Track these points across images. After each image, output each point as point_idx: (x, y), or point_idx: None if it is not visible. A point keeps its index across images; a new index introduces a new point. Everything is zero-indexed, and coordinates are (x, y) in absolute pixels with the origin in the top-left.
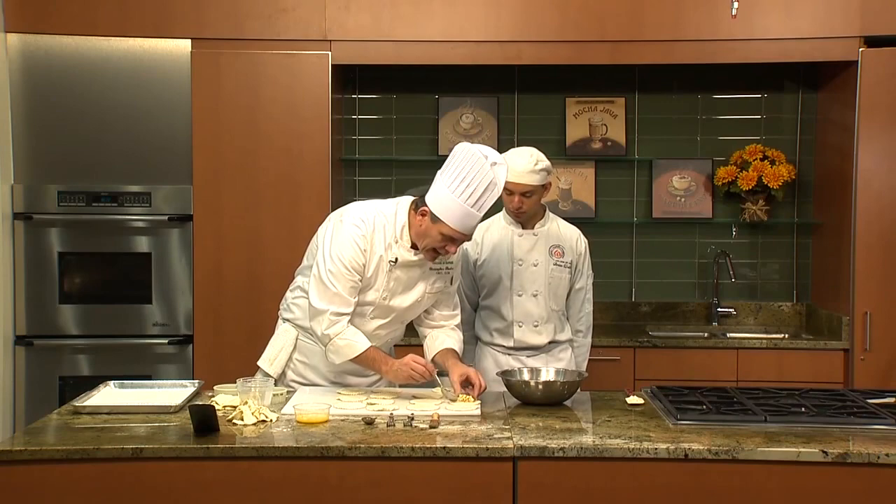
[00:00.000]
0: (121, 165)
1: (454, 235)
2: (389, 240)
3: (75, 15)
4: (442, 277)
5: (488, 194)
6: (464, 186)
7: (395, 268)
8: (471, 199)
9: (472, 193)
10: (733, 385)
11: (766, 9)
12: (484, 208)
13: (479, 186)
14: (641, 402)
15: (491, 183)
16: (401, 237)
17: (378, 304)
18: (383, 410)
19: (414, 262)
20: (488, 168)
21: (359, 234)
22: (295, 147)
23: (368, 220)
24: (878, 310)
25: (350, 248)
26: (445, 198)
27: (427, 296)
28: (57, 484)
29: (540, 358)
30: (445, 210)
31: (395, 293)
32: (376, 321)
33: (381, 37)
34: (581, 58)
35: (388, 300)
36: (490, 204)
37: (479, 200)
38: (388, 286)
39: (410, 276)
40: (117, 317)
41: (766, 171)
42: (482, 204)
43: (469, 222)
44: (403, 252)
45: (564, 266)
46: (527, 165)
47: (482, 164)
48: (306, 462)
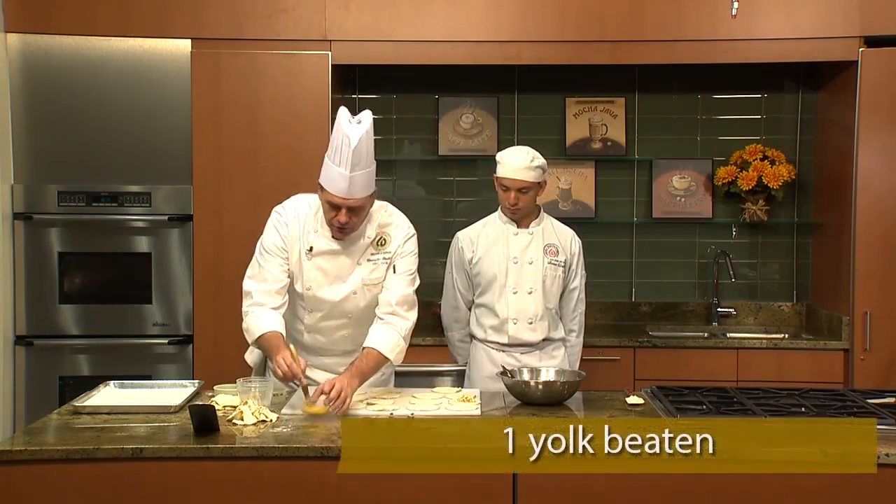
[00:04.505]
0: (121, 165)
1: (332, 200)
2: (308, 228)
3: (75, 15)
4: (379, 267)
5: (346, 150)
6: (332, 149)
7: (314, 256)
8: (336, 158)
9: (335, 152)
10: (733, 385)
11: (766, 9)
12: (349, 167)
13: (339, 144)
14: (641, 402)
15: (345, 137)
16: (321, 226)
17: (306, 295)
18: (383, 410)
19: (335, 250)
20: (345, 125)
21: (279, 220)
22: (295, 147)
23: (289, 207)
24: (878, 310)
25: (270, 233)
26: (325, 164)
27: (364, 287)
28: (57, 484)
29: (534, 355)
30: (325, 176)
31: (320, 284)
32: (315, 313)
33: (381, 37)
34: (581, 58)
35: (313, 290)
36: (350, 161)
37: (341, 158)
38: (309, 276)
39: (339, 266)
40: (117, 317)
41: (766, 171)
42: (345, 161)
43: (340, 184)
44: (318, 239)
45: (558, 265)
46: (523, 162)
47: (340, 124)
48: (306, 462)
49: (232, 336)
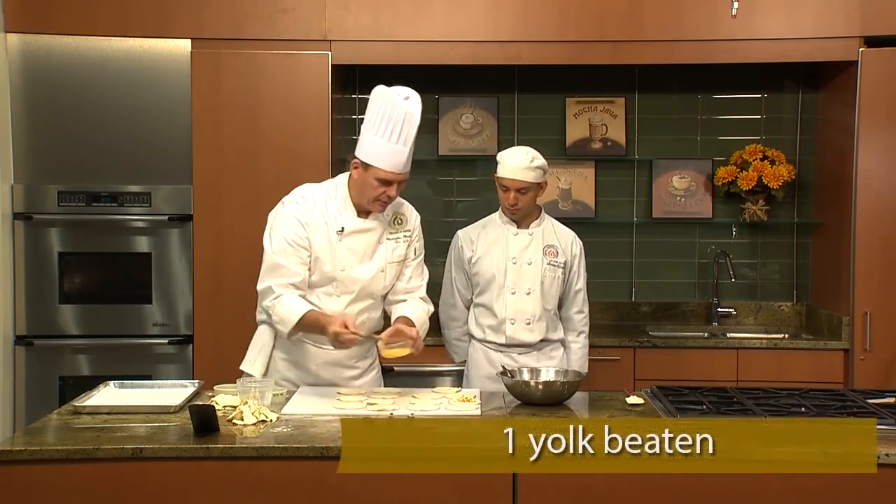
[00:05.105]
0: (121, 165)
1: (387, 177)
2: (333, 212)
3: (75, 15)
4: (401, 245)
5: (407, 126)
6: (384, 126)
7: (345, 237)
8: (393, 136)
9: (392, 129)
10: (733, 385)
11: (766, 9)
12: (408, 142)
13: (396, 121)
14: (641, 402)
15: (407, 114)
16: (345, 208)
17: (338, 276)
18: (383, 410)
19: (365, 228)
20: (402, 102)
21: (299, 209)
22: (295, 147)
23: (308, 196)
24: (878, 310)
25: (291, 224)
26: (370, 142)
27: (389, 266)
28: (57, 484)
29: (531, 355)
30: (373, 154)
31: (352, 264)
32: (345, 297)
33: (381, 37)
34: (581, 58)
35: (346, 271)
36: (412, 136)
37: (401, 135)
38: (342, 257)
39: (366, 245)
40: (117, 317)
41: (766, 171)
42: (405, 138)
43: (398, 159)
44: (348, 220)
45: (558, 266)
46: (523, 162)
47: (395, 101)
48: (306, 462)
49: (232, 336)
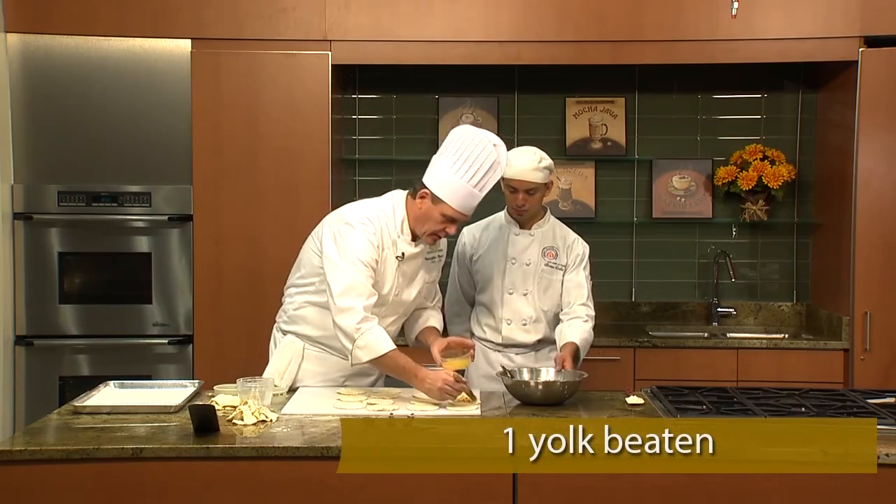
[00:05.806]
0: (121, 165)
1: (455, 216)
2: (394, 236)
3: (75, 15)
4: (436, 266)
5: (491, 174)
6: (467, 167)
7: (403, 262)
8: (474, 179)
9: (475, 173)
10: (733, 385)
11: (766, 9)
12: (486, 188)
13: (482, 166)
14: (641, 402)
15: (494, 162)
16: (402, 232)
17: (391, 300)
18: (383, 411)
19: (417, 253)
20: (491, 148)
21: (371, 232)
22: (295, 147)
23: (374, 219)
24: (878, 310)
25: (366, 247)
26: (448, 178)
27: (425, 286)
28: (57, 484)
29: (529, 356)
30: (448, 190)
31: (402, 287)
32: (388, 318)
33: (381, 37)
34: (581, 58)
35: (399, 295)
36: (492, 185)
37: (483, 180)
38: (398, 281)
39: (414, 269)
40: (117, 317)
41: (766, 171)
42: (485, 184)
43: (471, 202)
44: (407, 246)
45: (557, 268)
46: (531, 163)
47: (485, 145)
48: (306, 462)
49: (232, 336)
